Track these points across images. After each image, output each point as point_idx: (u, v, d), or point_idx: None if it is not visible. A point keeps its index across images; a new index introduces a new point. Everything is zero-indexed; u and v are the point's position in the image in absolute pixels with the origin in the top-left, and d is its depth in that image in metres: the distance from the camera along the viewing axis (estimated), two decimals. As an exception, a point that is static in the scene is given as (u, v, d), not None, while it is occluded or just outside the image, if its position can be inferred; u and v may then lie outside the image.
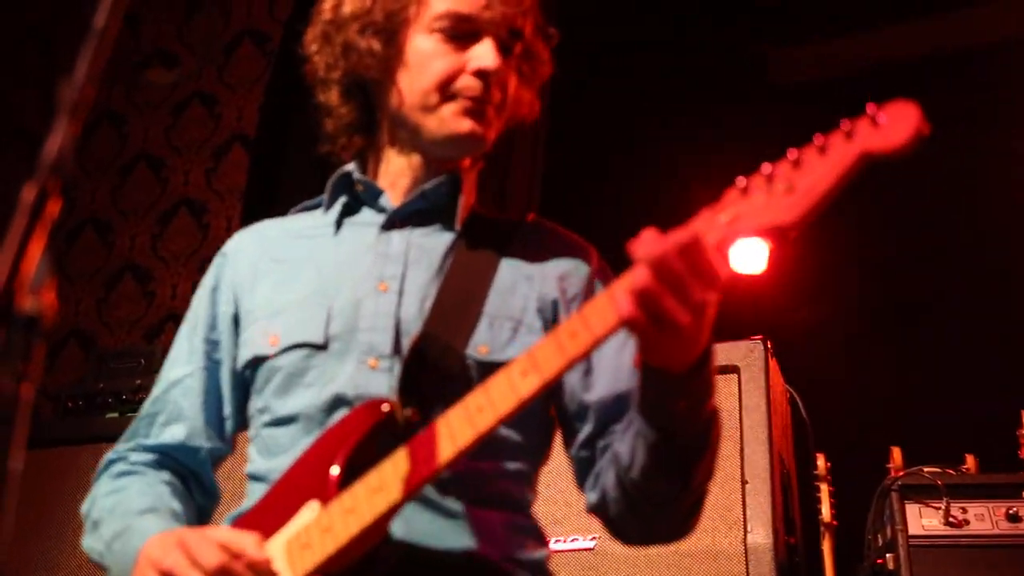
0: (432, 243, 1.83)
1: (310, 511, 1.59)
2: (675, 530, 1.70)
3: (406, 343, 1.69)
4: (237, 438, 1.95)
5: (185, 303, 4.93)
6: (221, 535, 1.56)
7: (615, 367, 1.77)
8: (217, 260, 1.96)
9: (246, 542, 1.53)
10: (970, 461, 3.58)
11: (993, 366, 5.12)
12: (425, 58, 1.77)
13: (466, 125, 1.78)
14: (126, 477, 1.84)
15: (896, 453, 3.80)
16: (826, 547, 3.79)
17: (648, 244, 1.35)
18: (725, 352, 3.10)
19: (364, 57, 1.79)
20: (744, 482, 2.87)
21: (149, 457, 1.87)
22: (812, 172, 1.35)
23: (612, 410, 1.73)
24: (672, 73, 6.23)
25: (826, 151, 1.35)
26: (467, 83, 1.76)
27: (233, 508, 1.79)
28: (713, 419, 1.58)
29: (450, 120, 1.78)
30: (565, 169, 5.69)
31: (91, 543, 1.79)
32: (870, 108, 1.33)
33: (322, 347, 1.73)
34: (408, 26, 1.78)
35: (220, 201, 4.90)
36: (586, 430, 1.77)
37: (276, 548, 1.59)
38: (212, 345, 1.89)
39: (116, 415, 3.74)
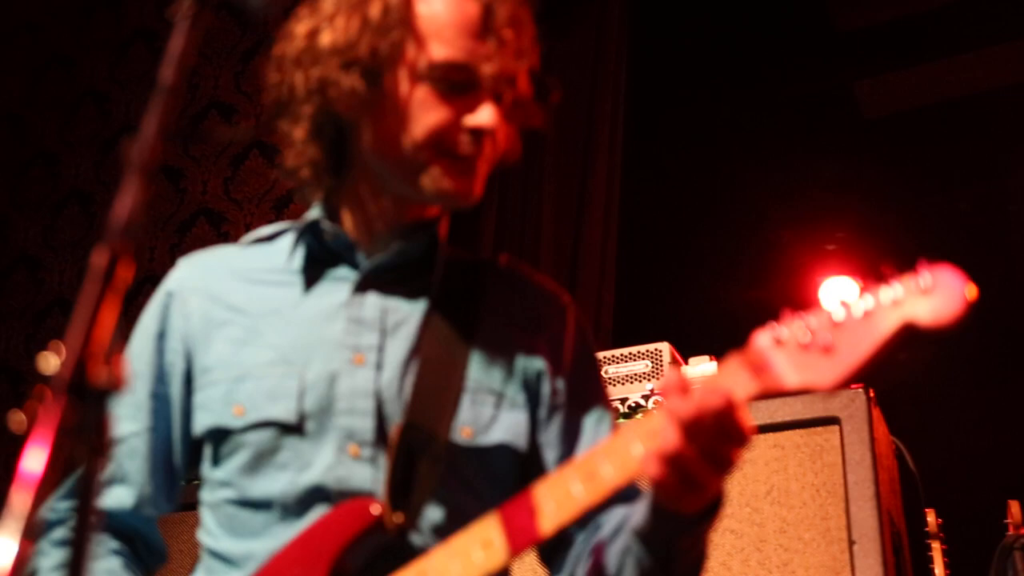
0: (408, 307, 1.76)
1: None
2: None
3: (388, 428, 1.65)
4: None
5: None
6: None
7: None
8: (160, 299, 1.83)
9: None
10: (1096, 514, 3.47)
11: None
12: (418, 109, 1.68)
13: (457, 185, 1.71)
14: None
15: (1015, 507, 3.69)
16: (942, 610, 3.68)
17: (678, 401, 1.38)
18: (824, 402, 3.04)
19: (345, 96, 1.68)
20: (852, 543, 2.80)
21: None
22: (853, 335, 1.37)
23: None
24: (758, 115, 6.21)
25: (869, 316, 1.38)
26: (462, 141, 1.69)
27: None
28: (707, 546, 1.60)
29: (441, 179, 1.70)
30: (645, 223, 5.67)
31: None
32: (921, 265, 1.38)
33: (295, 427, 1.66)
34: (398, 67, 1.69)
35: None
36: None
37: None
38: (159, 401, 1.78)
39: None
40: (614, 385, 3.42)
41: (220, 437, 1.71)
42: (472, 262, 1.88)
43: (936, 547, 3.82)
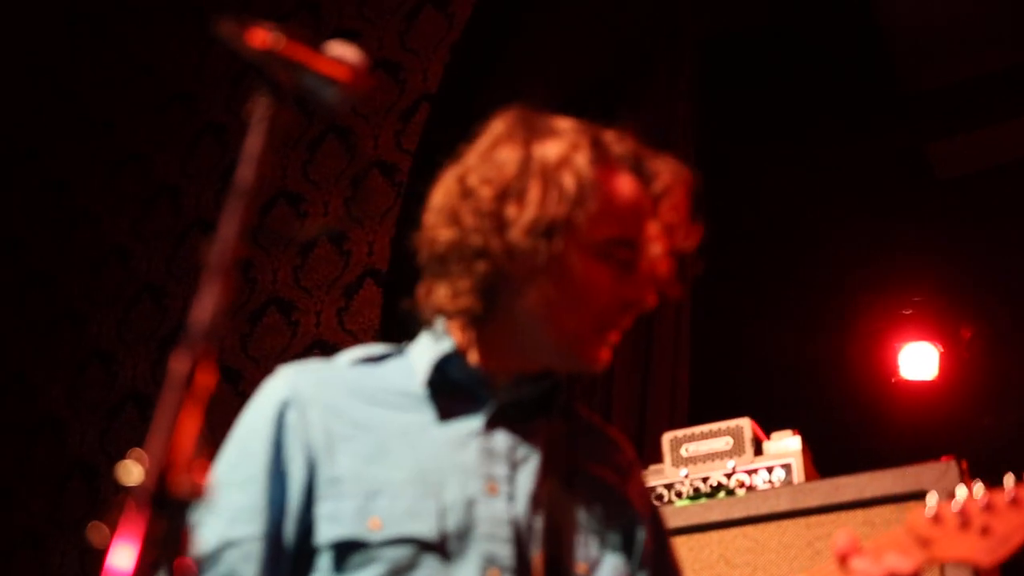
0: (532, 444, 1.82)
1: None
2: None
3: (524, 557, 1.71)
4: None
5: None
6: None
7: None
8: (274, 406, 1.79)
9: None
10: None
11: None
12: (589, 285, 1.75)
13: (601, 357, 1.80)
14: None
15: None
16: None
17: (866, 563, 1.61)
18: (913, 476, 2.95)
19: (526, 259, 1.73)
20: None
21: None
22: (1007, 521, 1.62)
23: None
24: (831, 179, 6.17)
25: (1018, 503, 1.63)
26: (620, 320, 1.79)
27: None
28: None
29: (590, 351, 1.78)
30: (719, 295, 5.62)
31: None
32: None
33: (435, 546, 1.68)
34: (575, 239, 1.74)
35: (354, 341, 4.95)
36: None
37: None
38: (276, 508, 1.73)
39: None
40: (695, 464, 3.36)
41: (351, 549, 1.69)
42: (569, 408, 1.95)
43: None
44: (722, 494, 3.24)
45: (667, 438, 3.46)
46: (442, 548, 1.68)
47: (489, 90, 5.17)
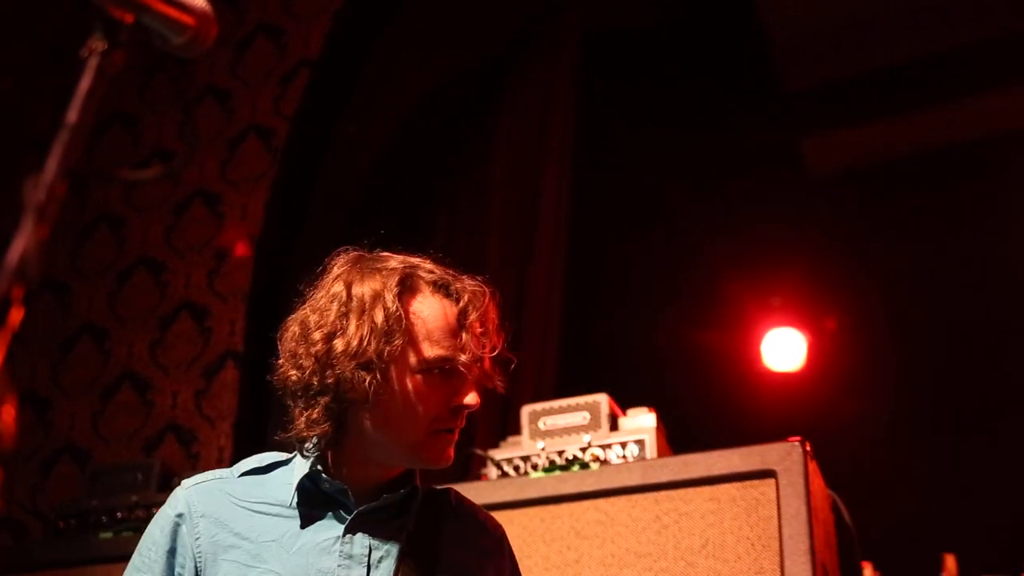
0: (388, 544, 2.10)
1: None
2: None
3: None
4: None
5: (187, 413, 4.98)
6: None
7: None
8: (171, 519, 2.11)
9: None
10: (1031, 569, 3.47)
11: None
12: (415, 397, 2.04)
13: (445, 455, 2.10)
14: None
15: (950, 561, 3.69)
16: (878, 665, 3.66)
17: None
18: (760, 455, 3.03)
19: (360, 388, 2.01)
20: (786, 596, 2.78)
21: None
22: None
23: None
24: (706, 172, 6.27)
25: None
26: (451, 418, 2.07)
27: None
28: None
29: (432, 452, 2.08)
30: (590, 278, 5.68)
31: None
32: None
33: None
34: (397, 363, 2.04)
35: (223, 304, 4.89)
36: None
37: None
38: None
39: (110, 535, 3.68)
40: (552, 437, 3.40)
41: None
42: (430, 493, 2.23)
43: (874, 602, 3.81)
44: (576, 467, 3.29)
45: (526, 411, 3.50)
46: None
47: (371, 60, 5.15)
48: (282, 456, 2.21)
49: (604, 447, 3.34)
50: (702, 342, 5.94)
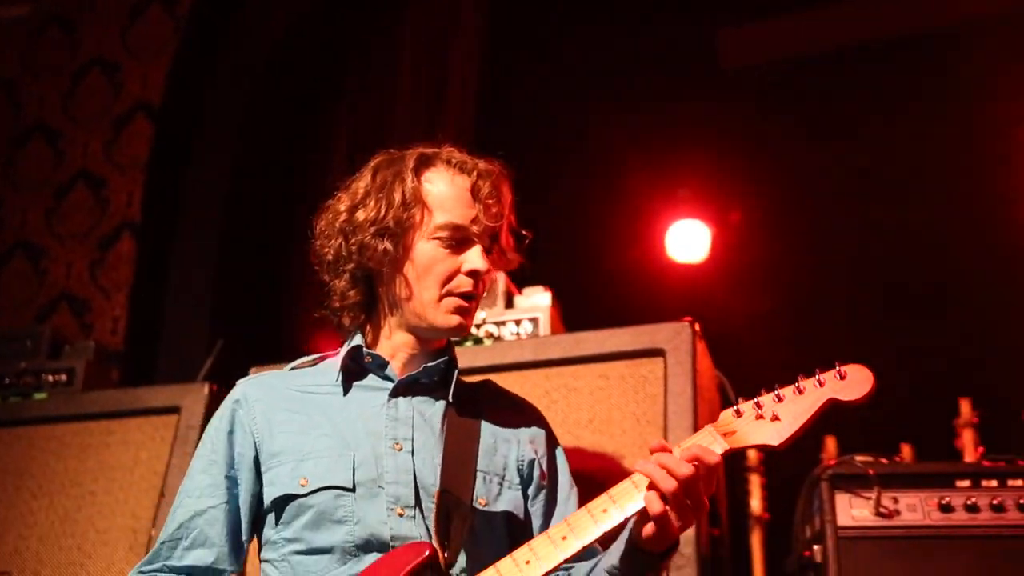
0: (431, 410, 2.31)
1: None
2: None
3: (424, 496, 2.19)
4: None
5: (81, 283, 4.91)
6: None
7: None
8: (230, 407, 2.35)
9: None
10: (906, 451, 3.60)
11: (933, 354, 5.19)
12: (430, 260, 2.26)
13: (457, 320, 2.28)
14: None
15: (830, 443, 3.81)
16: (755, 540, 3.80)
17: (671, 461, 1.96)
18: (650, 334, 3.08)
19: (377, 255, 2.26)
20: (667, 471, 2.84)
21: None
22: (793, 408, 2.03)
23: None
24: (617, 57, 6.23)
25: (803, 392, 2.04)
26: (461, 282, 2.26)
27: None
28: None
29: (446, 315, 2.27)
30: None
31: None
32: (837, 365, 2.07)
33: (350, 490, 2.18)
34: (414, 231, 2.27)
35: (121, 175, 4.80)
36: None
37: None
38: (231, 482, 2.30)
39: (-2, 399, 3.66)
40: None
41: (286, 502, 2.22)
42: (470, 384, 2.45)
43: (755, 480, 3.93)
44: (470, 343, 3.31)
45: (423, 286, 3.51)
46: (354, 491, 2.18)
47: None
48: (329, 353, 2.43)
49: (498, 324, 3.37)
50: (606, 228, 5.97)
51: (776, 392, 2.05)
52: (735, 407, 2.07)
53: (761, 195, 6.18)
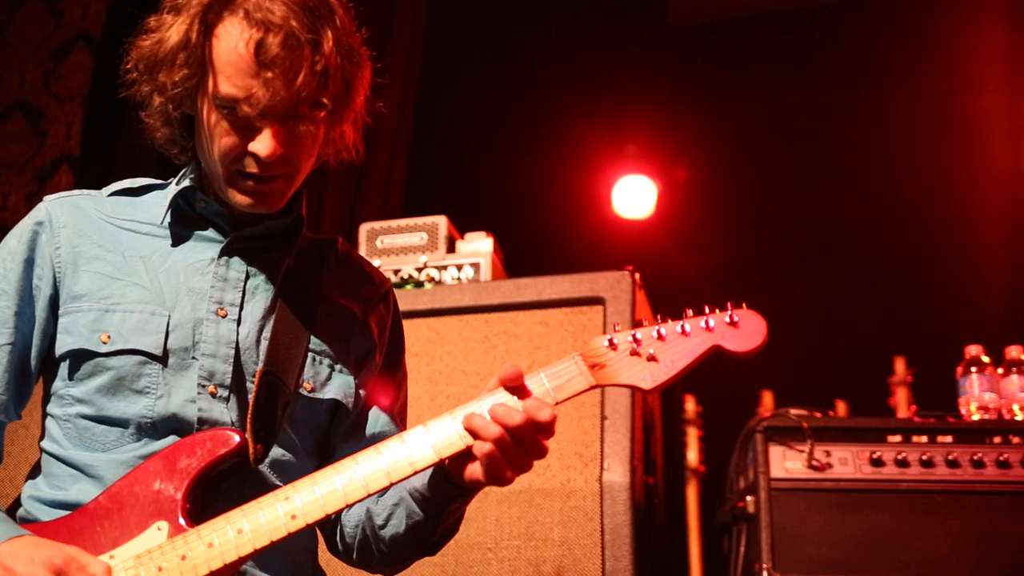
0: (267, 274, 2.00)
1: (158, 532, 1.77)
2: (390, 571, 2.06)
3: (243, 375, 1.92)
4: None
5: (17, 216, 4.79)
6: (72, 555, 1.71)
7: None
8: (31, 227, 1.99)
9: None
10: (840, 407, 3.65)
11: (870, 313, 5.25)
12: (212, 131, 1.90)
13: (246, 201, 1.93)
14: None
15: (767, 397, 3.86)
16: (691, 491, 3.84)
17: (503, 413, 1.71)
18: (590, 282, 3.07)
19: (176, 97, 1.92)
20: (604, 418, 2.86)
21: None
22: (674, 349, 1.73)
23: None
24: (569, 9, 6.18)
25: (688, 334, 1.73)
26: (249, 164, 1.89)
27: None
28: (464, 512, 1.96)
29: (235, 194, 1.93)
30: (441, 107, 5.61)
31: None
32: (729, 306, 1.74)
33: (159, 359, 1.89)
34: (203, 95, 1.90)
35: (60, 106, 4.70)
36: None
37: (121, 562, 1.74)
38: (23, 319, 1.95)
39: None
40: (389, 256, 3.39)
41: (81, 358, 1.90)
42: (315, 240, 2.14)
43: (692, 432, 3.97)
44: (411, 287, 3.29)
45: (364, 228, 3.48)
46: (164, 362, 1.89)
47: None
48: (158, 181, 2.10)
49: (440, 268, 3.34)
50: (553, 178, 5.95)
51: (658, 327, 1.74)
52: (610, 336, 1.76)
53: (708, 152, 6.19)
